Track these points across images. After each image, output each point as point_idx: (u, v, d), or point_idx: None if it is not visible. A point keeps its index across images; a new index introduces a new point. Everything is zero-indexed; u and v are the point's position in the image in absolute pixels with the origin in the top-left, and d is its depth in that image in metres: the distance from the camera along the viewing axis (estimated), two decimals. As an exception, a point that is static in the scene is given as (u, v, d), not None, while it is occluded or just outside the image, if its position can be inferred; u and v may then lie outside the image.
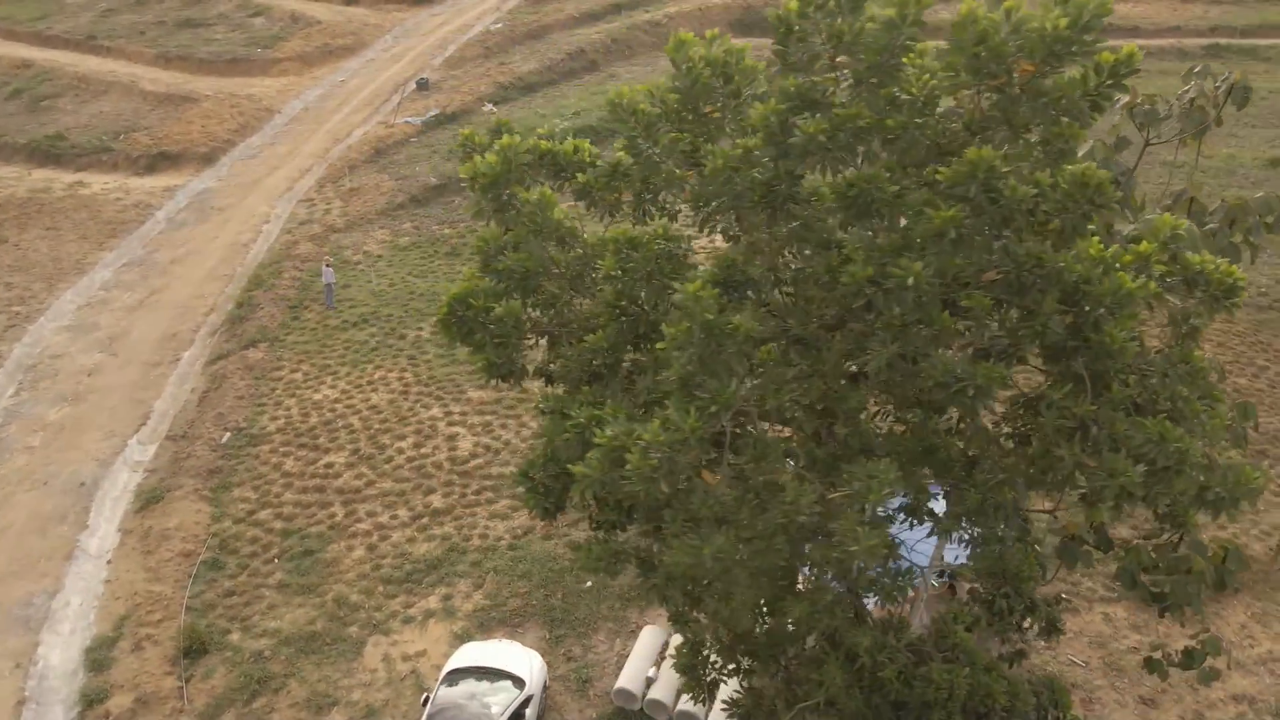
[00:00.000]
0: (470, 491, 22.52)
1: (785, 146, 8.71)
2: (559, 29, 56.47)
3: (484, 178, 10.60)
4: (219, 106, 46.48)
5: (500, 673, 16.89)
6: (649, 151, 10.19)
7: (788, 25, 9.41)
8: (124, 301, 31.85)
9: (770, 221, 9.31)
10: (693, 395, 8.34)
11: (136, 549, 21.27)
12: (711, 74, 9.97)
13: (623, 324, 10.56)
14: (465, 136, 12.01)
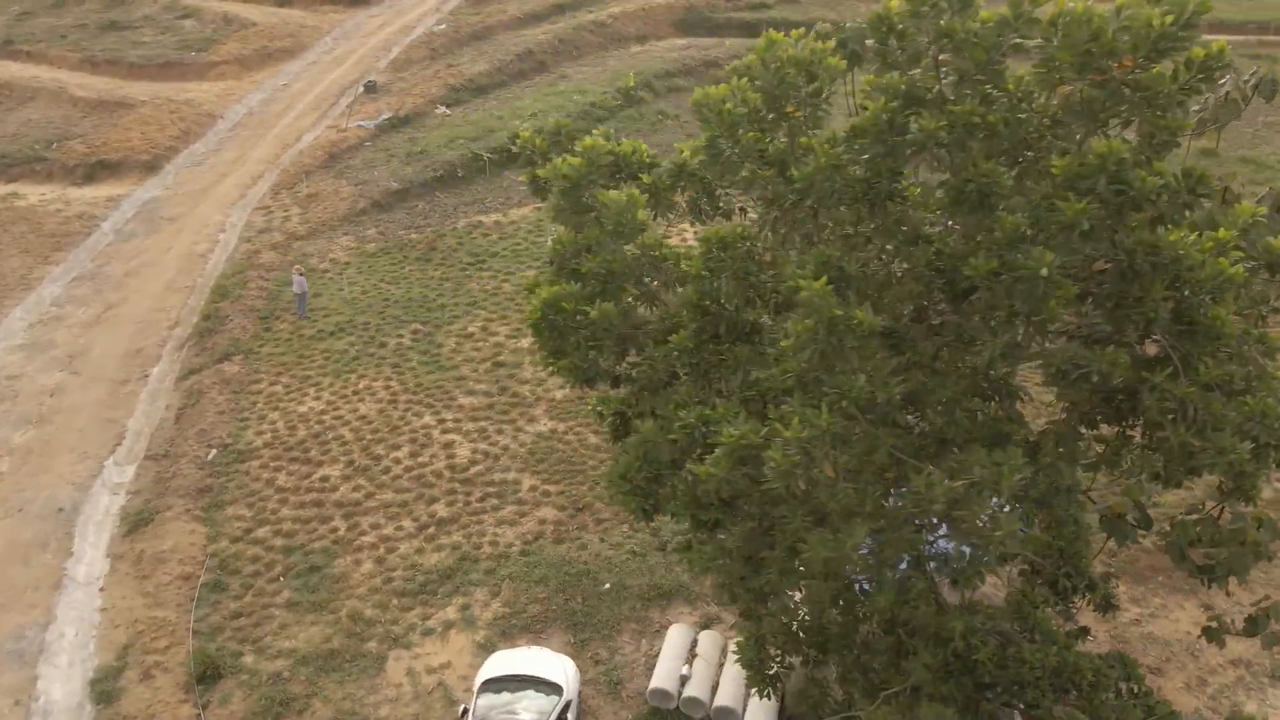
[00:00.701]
0: (474, 499, 22.23)
1: (894, 143, 8.85)
2: (503, 30, 55.98)
3: (566, 179, 10.49)
4: (157, 112, 44.83)
5: (537, 680, 16.73)
6: (730, 151, 10.21)
7: (889, 24, 9.55)
8: (79, 317, 30.50)
9: (869, 217, 9.44)
10: (816, 392, 8.41)
11: (130, 574, 20.43)
12: (796, 73, 10.04)
13: (704, 324, 10.56)
14: (524, 140, 11.85)
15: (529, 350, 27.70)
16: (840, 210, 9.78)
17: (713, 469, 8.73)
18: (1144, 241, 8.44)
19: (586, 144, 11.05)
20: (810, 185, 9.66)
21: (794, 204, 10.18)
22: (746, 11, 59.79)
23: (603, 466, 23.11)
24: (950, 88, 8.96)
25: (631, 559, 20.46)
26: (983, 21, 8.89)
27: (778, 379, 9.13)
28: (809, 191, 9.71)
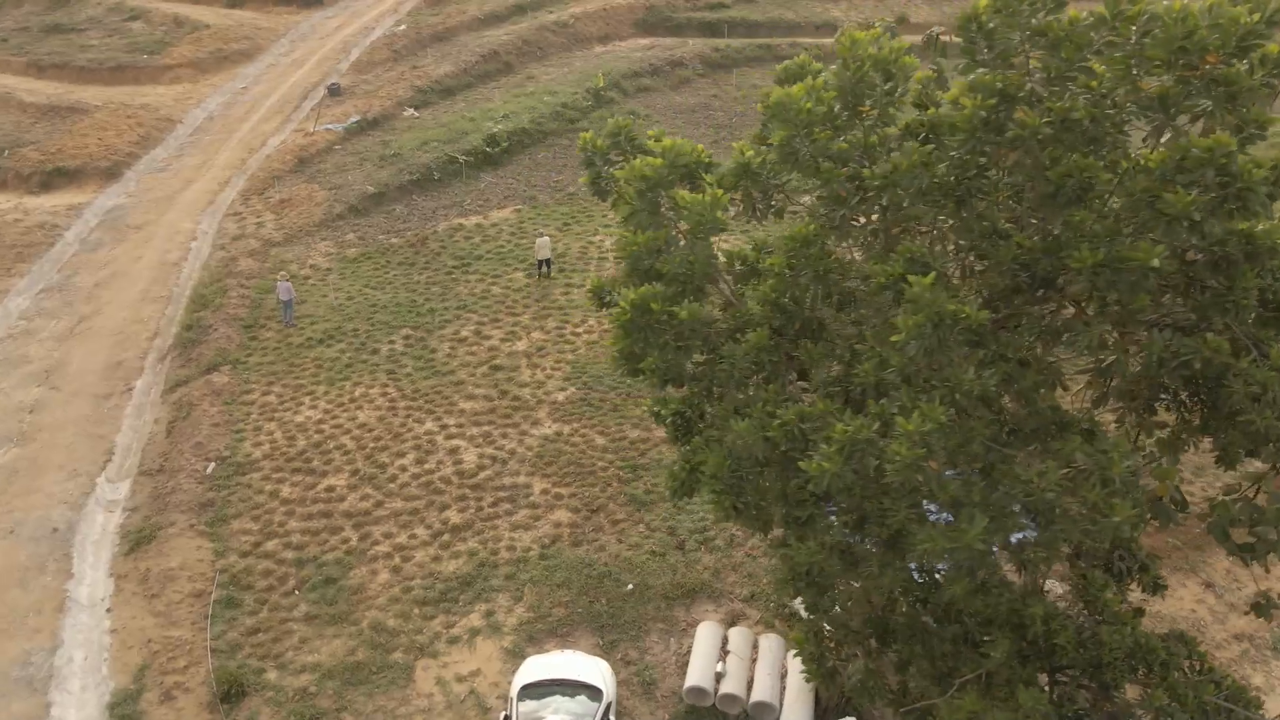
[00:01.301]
0: (486, 504, 22.03)
1: (987, 139, 9.01)
2: (465, 30, 55.42)
3: (644, 180, 10.47)
4: (113, 118, 43.50)
5: (576, 683, 16.67)
6: (805, 150, 10.29)
7: (978, 23, 9.71)
8: (51, 330, 29.48)
9: (954, 214, 9.60)
10: (924, 385, 8.54)
11: (138, 594, 19.83)
12: (873, 72, 10.16)
13: (780, 322, 10.63)
14: (585, 140, 11.80)
15: (526, 353, 27.57)
16: (917, 207, 9.93)
17: (826, 464, 8.79)
18: (1237, 232, 8.75)
19: (666, 144, 11.02)
20: (887, 183, 9.79)
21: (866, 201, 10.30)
22: (706, 11, 59.99)
23: (612, 468, 23.13)
24: (1040, 84, 9.16)
25: (651, 559, 20.48)
26: (1072, 20, 9.13)
27: (870, 374, 9.24)
28: (886, 189, 9.84)
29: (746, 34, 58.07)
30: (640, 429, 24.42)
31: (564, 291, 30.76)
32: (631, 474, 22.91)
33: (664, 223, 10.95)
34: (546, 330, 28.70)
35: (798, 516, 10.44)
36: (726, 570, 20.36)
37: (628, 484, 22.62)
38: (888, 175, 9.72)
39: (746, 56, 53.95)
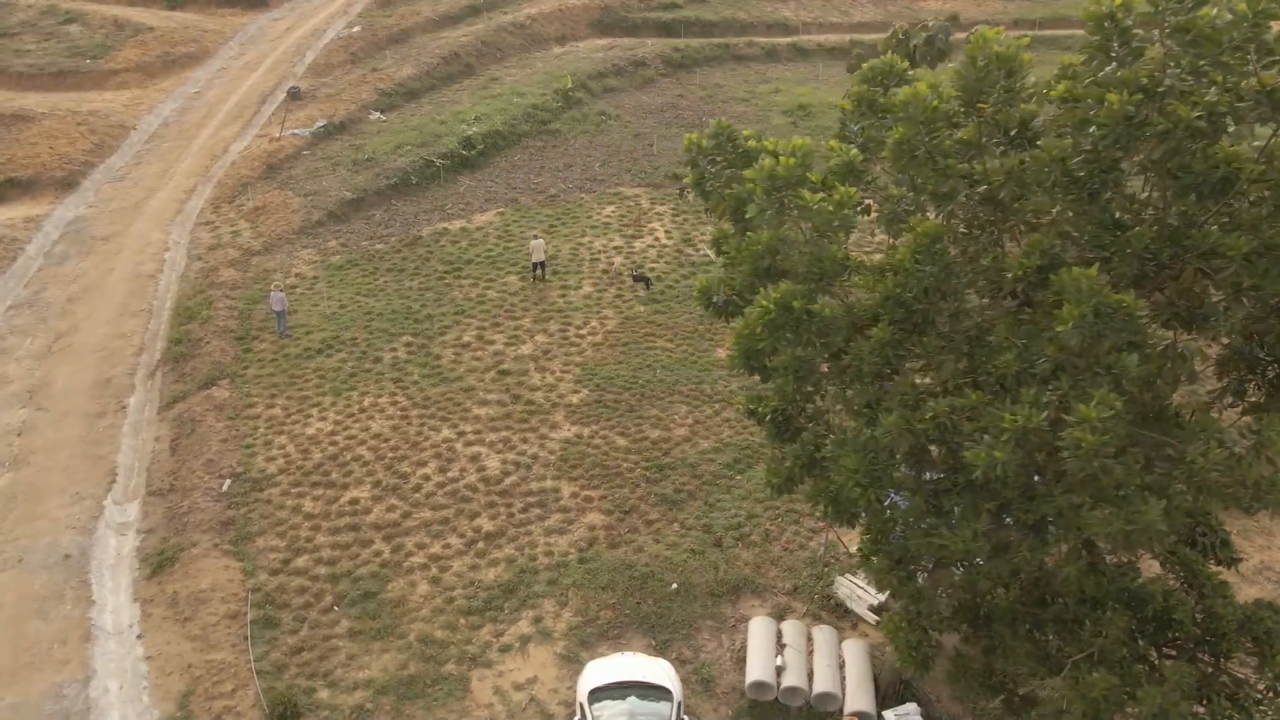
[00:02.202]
0: (517, 510, 21.84)
1: (1131, 133, 9.31)
2: (420, 31, 54.61)
3: (774, 180, 10.55)
4: (63, 125, 41.74)
5: (646, 685, 16.66)
6: (926, 146, 10.50)
7: (1113, 19, 10.00)
8: (28, 349, 28.19)
9: (1084, 207, 9.90)
10: (1084, 375, 8.82)
11: (169, 618, 19.14)
12: (996, 70, 10.41)
13: (903, 317, 10.82)
14: (690, 141, 11.83)
15: (533, 357, 27.38)
16: (1038, 200, 10.23)
17: (997, 453, 8.99)
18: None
19: (797, 143, 11.08)
20: (1010, 178, 10.07)
21: (978, 198, 10.57)
22: (661, 11, 60.24)
23: (637, 469, 23.14)
24: (1175, 79, 9.50)
25: (691, 557, 20.57)
26: (1210, 17, 9.51)
27: (1013, 364, 9.50)
28: (1007, 184, 10.11)
29: (701, 33, 58.51)
30: (659, 429, 24.48)
31: (561, 294, 30.62)
32: (658, 474, 22.96)
33: (787, 222, 11.04)
34: (550, 333, 28.54)
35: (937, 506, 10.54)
36: (766, 565, 20.56)
37: (656, 484, 22.66)
38: (1012, 170, 9.99)
39: (706, 56, 54.38)
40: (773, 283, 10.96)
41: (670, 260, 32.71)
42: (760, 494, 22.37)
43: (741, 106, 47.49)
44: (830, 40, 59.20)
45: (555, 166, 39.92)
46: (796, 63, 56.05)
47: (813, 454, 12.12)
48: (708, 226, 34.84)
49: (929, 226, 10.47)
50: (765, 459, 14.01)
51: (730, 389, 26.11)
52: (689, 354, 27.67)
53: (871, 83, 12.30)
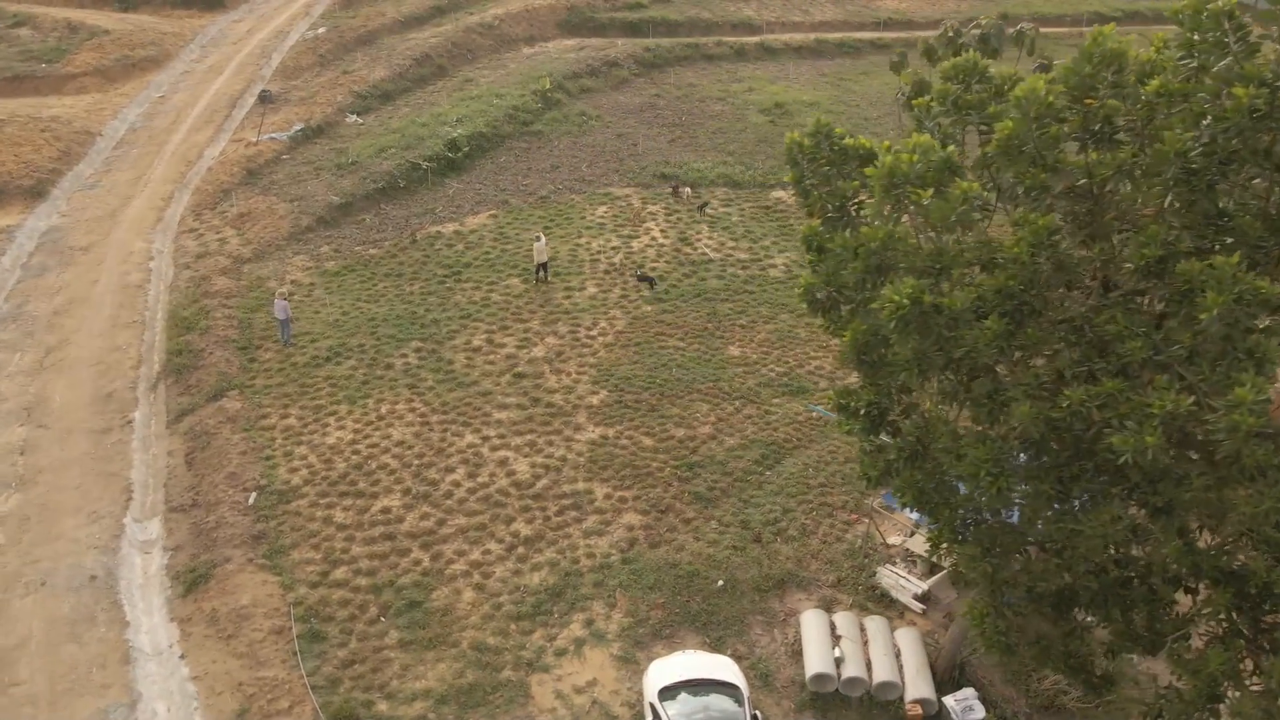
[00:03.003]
0: (552, 513, 21.75)
1: (1258, 125, 9.66)
2: (387, 33, 53.89)
3: (894, 177, 10.70)
4: (25, 132, 40.22)
5: (716, 682, 16.78)
6: (1035, 141, 10.76)
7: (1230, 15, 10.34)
8: (18, 364, 27.16)
9: (1199, 198, 10.24)
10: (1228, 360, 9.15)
11: (211, 636, 18.64)
12: (1106, 67, 10.69)
13: (1010, 309, 11.07)
14: (791, 140, 11.93)
15: (546, 360, 27.24)
16: (1146, 192, 10.56)
17: (1149, 439, 9.25)
18: None
19: (919, 140, 11.22)
20: (1121, 171, 10.39)
21: (1085, 191, 10.86)
22: (627, 11, 60.36)
23: (666, 469, 23.17)
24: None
25: (734, 554, 20.70)
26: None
27: (1140, 352, 9.81)
28: (1116, 177, 10.42)
29: (668, 33, 58.75)
30: (684, 428, 24.57)
31: (565, 295, 30.52)
32: (689, 472, 23.04)
33: (904, 217, 11.20)
34: (560, 335, 28.43)
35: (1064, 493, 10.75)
36: (807, 559, 20.80)
37: (688, 483, 22.75)
38: (1123, 163, 10.31)
39: (677, 56, 54.61)
40: (884, 279, 11.13)
41: (670, 259, 32.81)
42: (793, 489, 22.64)
43: (719, 105, 47.81)
44: (796, 39, 59.89)
45: (542, 168, 39.72)
46: (765, 62, 56.59)
47: (914, 446, 12.31)
48: (703, 226, 35.15)
49: (1046, 220, 10.72)
50: (858, 453, 14.11)
51: (747, 386, 26.34)
52: (702, 352, 27.81)
53: (953, 80, 12.53)
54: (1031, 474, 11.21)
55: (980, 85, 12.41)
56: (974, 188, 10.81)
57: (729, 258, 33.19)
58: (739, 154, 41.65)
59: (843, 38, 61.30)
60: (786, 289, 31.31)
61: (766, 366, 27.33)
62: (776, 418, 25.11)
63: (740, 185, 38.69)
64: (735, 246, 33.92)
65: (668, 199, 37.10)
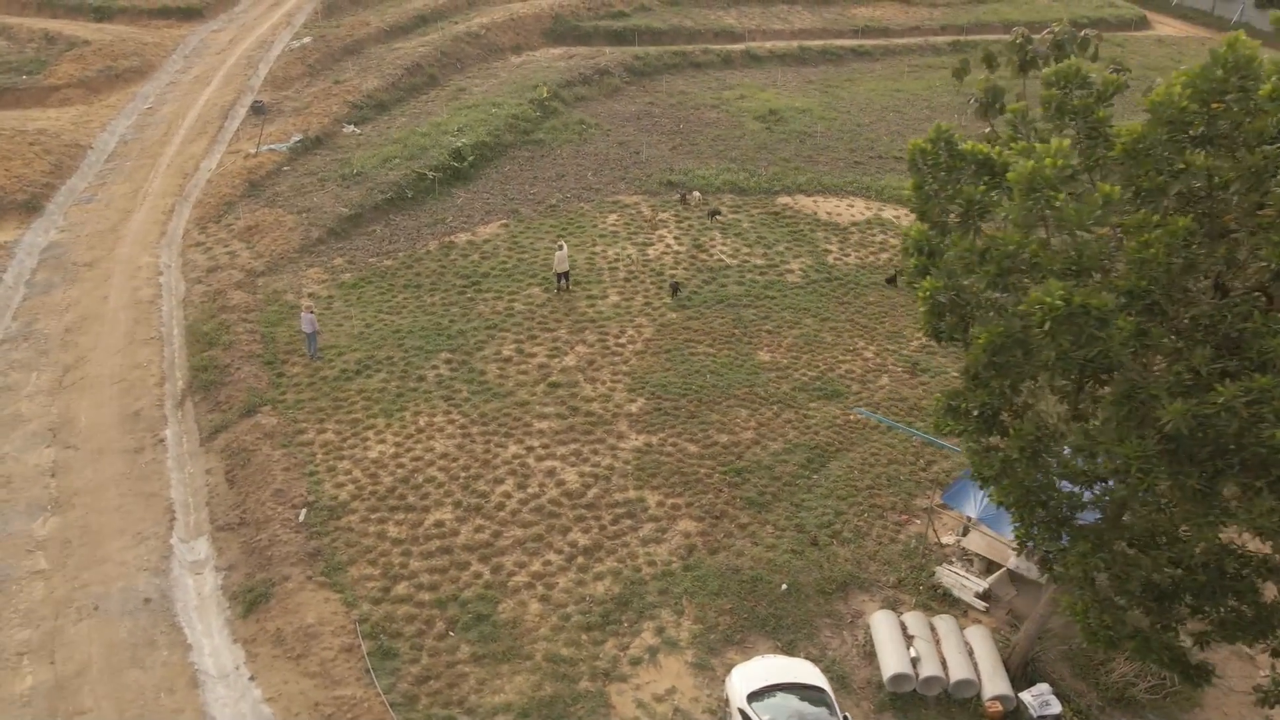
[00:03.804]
0: (607, 522, 21.72)
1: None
2: (373, 42, 53.40)
3: (1034, 181, 10.91)
4: (13, 145, 39.14)
5: (803, 686, 16.88)
6: (1164, 144, 11.06)
7: None
8: (36, 384, 26.43)
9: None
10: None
11: (280, 656, 18.30)
12: (1235, 73, 11.01)
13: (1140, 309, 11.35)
14: (915, 146, 12.11)
15: (579, 368, 27.19)
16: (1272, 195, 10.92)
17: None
18: None
19: (1055, 145, 11.43)
20: (1247, 174, 10.73)
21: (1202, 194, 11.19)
22: (610, 20, 60.52)
23: (714, 475, 23.25)
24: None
25: (793, 558, 20.85)
26: None
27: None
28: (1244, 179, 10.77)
29: (652, 41, 59.00)
30: (726, 433, 24.69)
31: (589, 304, 30.49)
32: (738, 477, 23.15)
33: (1039, 220, 11.40)
34: (589, 344, 28.39)
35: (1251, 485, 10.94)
36: (865, 560, 21.01)
37: (738, 488, 22.85)
38: (1252, 167, 10.64)
39: (665, 64, 54.84)
40: (1018, 282, 11.34)
41: (688, 266, 32.93)
42: (842, 491, 22.86)
43: (713, 113, 48.10)
44: (780, 47, 60.48)
45: (547, 176, 39.63)
46: (751, 69, 57.07)
47: (1035, 444, 12.54)
48: (715, 232, 35.34)
49: (1184, 222, 11.00)
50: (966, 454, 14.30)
51: (782, 391, 26.54)
52: (733, 358, 27.95)
53: (1056, 86, 12.82)
54: (1176, 470, 11.46)
55: (1081, 90, 12.68)
56: (1115, 191, 11.05)
57: (745, 263, 33.41)
58: (740, 160, 41.93)
59: (825, 45, 62.07)
60: (806, 294, 31.63)
61: (798, 371, 27.56)
62: (815, 421, 25.34)
63: (746, 191, 38.95)
64: (750, 253, 34.15)
65: (676, 206, 37.23)
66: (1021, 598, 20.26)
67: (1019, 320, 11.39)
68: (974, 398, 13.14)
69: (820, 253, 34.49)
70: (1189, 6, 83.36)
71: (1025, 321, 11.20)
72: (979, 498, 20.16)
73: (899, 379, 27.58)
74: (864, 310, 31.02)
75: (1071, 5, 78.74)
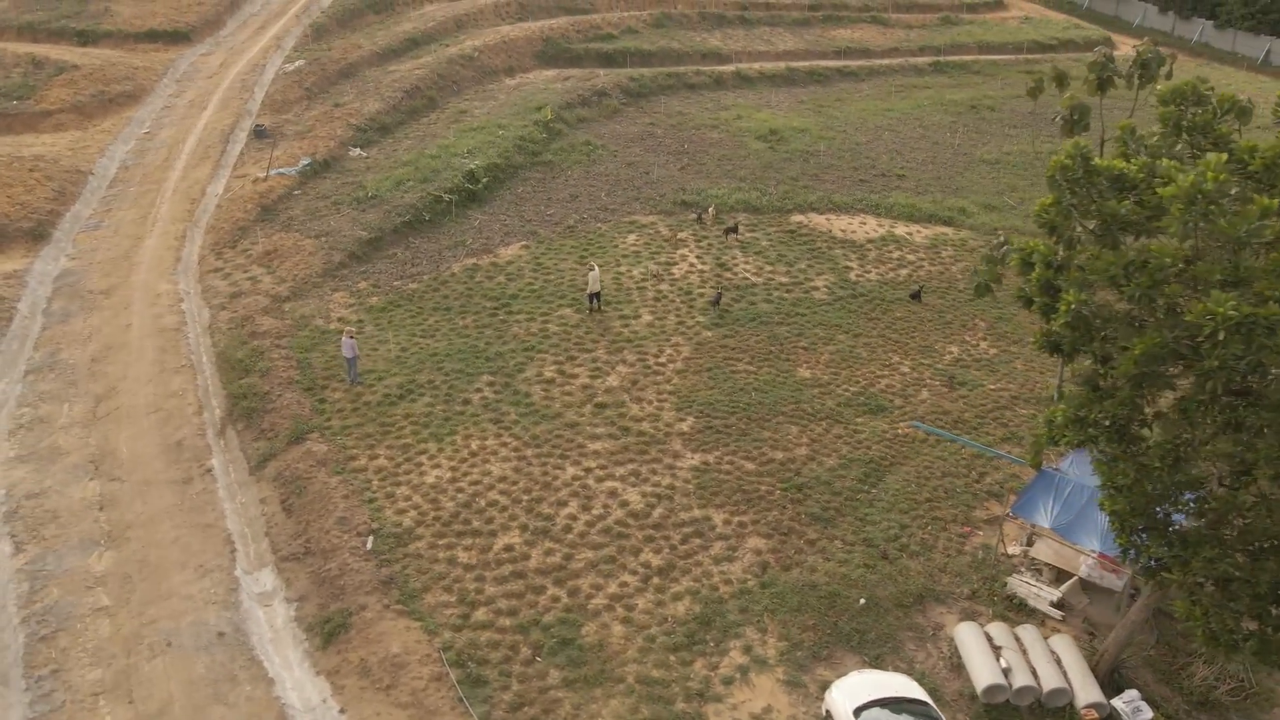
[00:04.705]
0: (676, 542, 21.67)
1: None
2: (367, 65, 53.09)
3: (1195, 195, 11.20)
4: (13, 171, 38.23)
5: (908, 700, 16.94)
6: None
7: None
8: (69, 416, 25.71)
9: None
10: None
11: (368, 688, 17.93)
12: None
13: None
14: (1057, 163, 12.38)
15: (624, 388, 27.15)
16: None
17: None
18: None
19: (1213, 159, 11.71)
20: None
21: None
22: (600, 42, 60.91)
23: (775, 492, 23.31)
24: None
25: (866, 572, 20.96)
26: None
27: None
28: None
29: (642, 63, 59.48)
30: (780, 450, 24.79)
31: (622, 323, 30.49)
32: (799, 493, 23.24)
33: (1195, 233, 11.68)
34: (630, 364, 28.38)
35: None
36: (936, 573, 21.19)
37: (800, 504, 22.94)
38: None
39: (660, 85, 55.29)
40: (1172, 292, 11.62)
41: (713, 284, 33.10)
42: (903, 505, 23.06)
43: (714, 133, 48.54)
44: (768, 68, 61.31)
45: (561, 197, 39.64)
46: (743, 90, 57.73)
47: (1175, 452, 12.80)
48: (736, 251, 35.58)
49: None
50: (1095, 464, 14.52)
51: (827, 406, 26.74)
52: (774, 375, 28.12)
53: (1171, 103, 13.21)
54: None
55: (1197, 108, 13.08)
56: (1274, 204, 11.38)
57: (770, 281, 33.69)
58: (749, 180, 42.33)
59: (811, 66, 63.04)
60: (835, 310, 31.97)
61: (839, 386, 27.81)
62: (865, 436, 25.56)
63: (759, 210, 39.32)
64: (773, 270, 34.45)
65: (694, 225, 37.46)
66: (1094, 606, 20.56)
67: (1174, 331, 11.66)
68: (1105, 408, 13.38)
69: (841, 269, 34.89)
70: (1149, 27, 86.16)
71: (1187, 332, 11.48)
72: (1051, 508, 20.50)
73: (938, 392, 27.94)
74: (893, 326, 31.41)
75: (1040, 27, 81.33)
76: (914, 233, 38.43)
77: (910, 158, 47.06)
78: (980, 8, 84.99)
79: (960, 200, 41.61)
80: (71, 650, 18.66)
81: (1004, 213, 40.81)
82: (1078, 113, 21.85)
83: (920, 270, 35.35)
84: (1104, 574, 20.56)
